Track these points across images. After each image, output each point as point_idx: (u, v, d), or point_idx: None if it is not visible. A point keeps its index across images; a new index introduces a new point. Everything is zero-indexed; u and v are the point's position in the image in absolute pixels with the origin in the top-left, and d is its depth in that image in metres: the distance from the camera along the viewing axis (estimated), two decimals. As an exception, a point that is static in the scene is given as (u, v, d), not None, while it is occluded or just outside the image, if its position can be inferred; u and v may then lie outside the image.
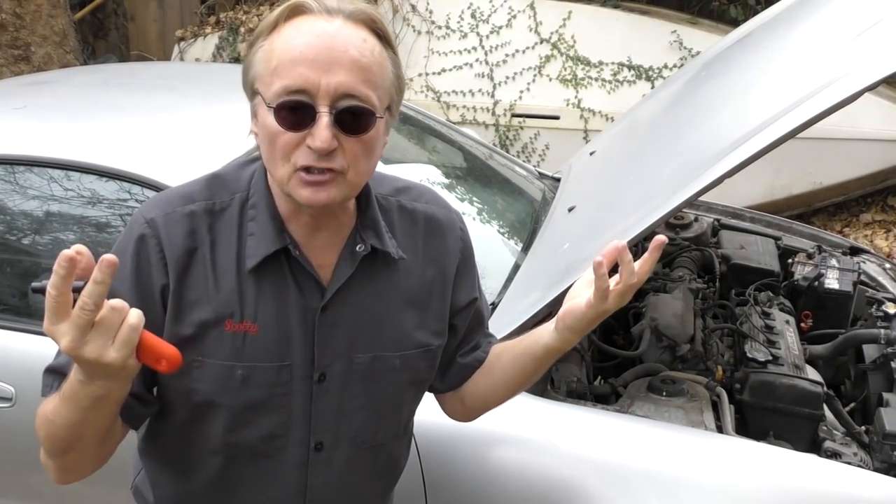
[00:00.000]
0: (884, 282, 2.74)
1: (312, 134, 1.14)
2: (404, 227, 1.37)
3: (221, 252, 1.26)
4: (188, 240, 1.25)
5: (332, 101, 1.14)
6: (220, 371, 1.26)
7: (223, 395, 1.27)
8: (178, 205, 1.26)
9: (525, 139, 5.55)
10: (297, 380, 1.29)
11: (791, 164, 4.93)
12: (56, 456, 1.25)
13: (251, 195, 1.28)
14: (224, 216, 1.27)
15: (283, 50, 1.15)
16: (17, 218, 2.31)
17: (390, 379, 1.36)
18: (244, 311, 1.25)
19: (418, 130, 3.07)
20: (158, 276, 1.23)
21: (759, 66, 2.49)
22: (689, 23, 5.57)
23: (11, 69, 5.24)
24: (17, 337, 2.13)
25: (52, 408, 1.19)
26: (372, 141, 1.19)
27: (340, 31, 1.16)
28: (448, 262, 1.41)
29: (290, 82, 1.14)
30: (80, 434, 1.19)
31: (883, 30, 1.92)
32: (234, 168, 1.34)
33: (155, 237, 1.24)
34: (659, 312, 2.34)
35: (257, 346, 1.26)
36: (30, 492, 2.19)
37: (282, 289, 1.27)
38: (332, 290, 1.28)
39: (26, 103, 2.57)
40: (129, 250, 1.24)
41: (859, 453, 1.97)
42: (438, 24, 5.76)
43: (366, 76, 1.16)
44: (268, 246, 1.25)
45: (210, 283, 1.25)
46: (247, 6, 6.84)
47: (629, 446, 1.84)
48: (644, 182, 2.21)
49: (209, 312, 1.24)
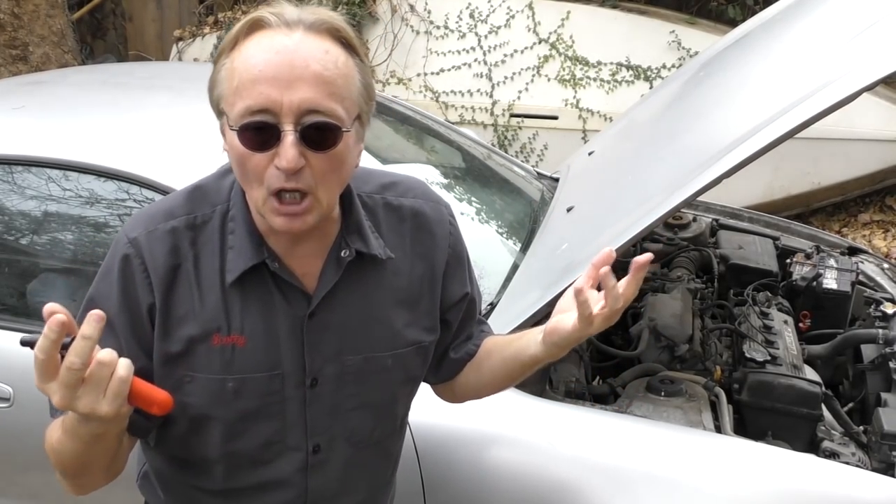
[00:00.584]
0: (882, 282, 2.74)
1: (279, 153, 1.12)
2: (391, 225, 1.36)
3: (205, 266, 1.25)
4: (171, 257, 1.24)
5: (296, 119, 1.11)
6: (211, 385, 1.25)
7: (216, 407, 1.27)
8: (160, 221, 1.25)
9: (523, 139, 5.55)
10: (290, 387, 1.29)
11: (789, 164, 4.93)
12: (69, 478, 1.26)
13: (231, 207, 1.27)
14: (206, 229, 1.26)
15: (244, 68, 1.12)
16: (16, 218, 2.31)
17: (383, 378, 1.35)
18: (231, 325, 1.24)
19: (417, 130, 3.07)
20: (145, 295, 1.23)
21: (757, 67, 2.49)
22: (688, 23, 5.57)
23: (9, 69, 5.24)
24: (16, 337, 2.12)
25: (56, 438, 1.20)
26: (341, 155, 1.16)
27: (301, 44, 1.12)
28: (437, 257, 1.40)
29: (251, 102, 1.11)
30: (86, 462, 1.21)
31: (881, 30, 1.92)
32: (214, 178, 1.32)
33: (139, 257, 1.23)
34: (657, 312, 2.34)
35: (246, 358, 1.25)
36: (29, 492, 2.18)
37: (267, 299, 1.26)
38: (317, 298, 1.27)
39: (24, 103, 2.57)
40: (114, 271, 1.24)
41: (857, 453, 1.98)
42: (437, 24, 5.76)
43: (330, 89, 1.13)
44: (246, 261, 1.24)
45: (195, 299, 1.24)
46: (245, 6, 6.83)
47: (627, 446, 1.84)
48: (642, 182, 2.21)
49: (196, 328, 1.24)
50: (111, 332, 1.21)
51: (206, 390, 1.25)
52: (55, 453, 1.22)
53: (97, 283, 1.28)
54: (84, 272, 2.27)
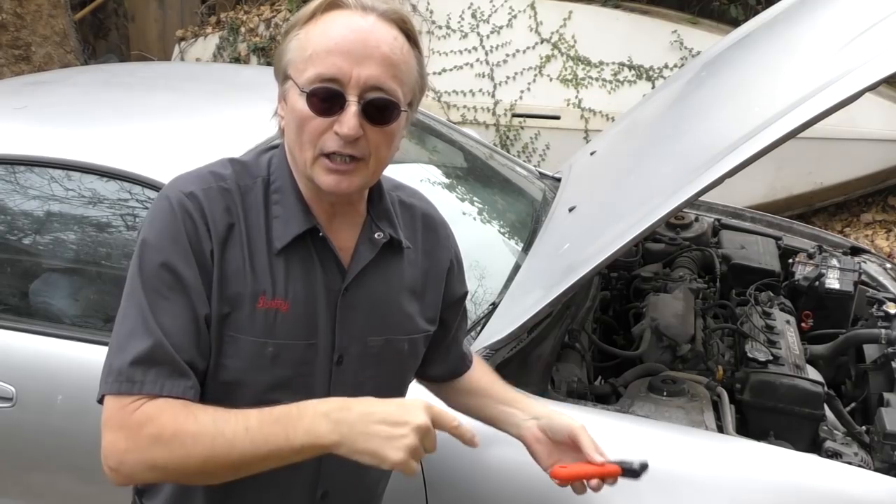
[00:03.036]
0: (884, 282, 2.74)
1: (340, 121, 1.20)
2: (405, 220, 1.43)
3: (252, 231, 1.29)
4: (226, 215, 1.27)
5: (361, 92, 1.20)
6: (252, 347, 1.27)
7: (252, 372, 1.28)
8: (213, 182, 1.29)
9: (525, 139, 5.55)
10: (321, 360, 1.32)
11: (792, 164, 4.93)
12: (160, 471, 1.19)
13: (273, 180, 1.32)
14: (250, 197, 1.30)
15: (320, 40, 1.21)
16: (18, 218, 2.31)
17: (398, 362, 1.41)
18: (276, 289, 1.27)
19: (419, 130, 3.07)
20: (207, 244, 1.25)
21: (759, 66, 2.49)
22: (690, 23, 5.57)
23: (12, 69, 5.25)
24: (17, 337, 2.13)
25: (211, 433, 1.15)
26: (393, 132, 1.25)
27: (374, 27, 1.22)
28: (441, 256, 1.48)
29: (323, 70, 1.20)
30: (238, 467, 1.18)
31: (883, 29, 1.91)
32: (252, 155, 1.37)
33: (199, 209, 1.25)
34: (659, 312, 2.34)
35: (288, 324, 1.28)
36: (31, 492, 2.19)
37: (309, 268, 1.30)
38: (353, 272, 1.33)
39: (27, 103, 2.57)
40: (177, 223, 1.24)
41: (860, 453, 1.97)
42: (439, 24, 5.77)
43: (394, 72, 1.22)
44: (297, 227, 1.28)
45: (245, 259, 1.27)
46: (247, 6, 6.84)
47: (629, 446, 1.83)
48: (645, 182, 2.21)
49: (244, 287, 1.26)
50: (182, 291, 1.21)
51: (246, 353, 1.27)
52: (198, 446, 1.16)
53: (156, 238, 1.24)
54: (86, 272, 2.27)
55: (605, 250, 1.82)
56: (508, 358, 1.92)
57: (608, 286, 2.64)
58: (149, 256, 1.23)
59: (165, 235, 1.24)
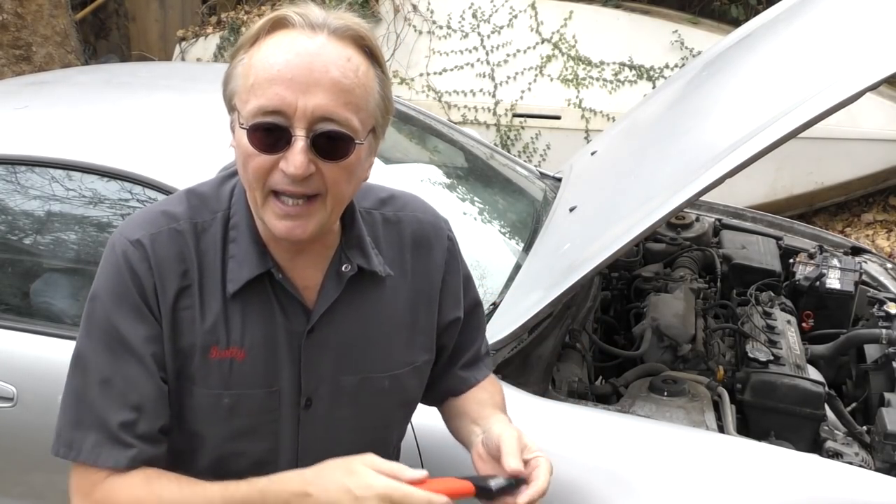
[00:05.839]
0: (885, 282, 2.74)
1: (286, 158, 1.09)
2: (390, 240, 1.32)
3: (207, 274, 1.20)
4: (178, 262, 1.19)
5: (309, 125, 1.08)
6: (207, 400, 1.21)
7: (209, 425, 1.23)
8: (164, 224, 1.20)
9: (526, 139, 5.55)
10: (286, 406, 1.25)
11: (792, 163, 4.93)
12: None
13: (233, 214, 1.22)
14: (207, 236, 1.21)
15: (262, 67, 1.09)
16: (19, 218, 2.31)
17: (379, 401, 1.32)
18: (230, 337, 1.20)
19: (419, 130, 3.07)
20: (153, 299, 1.18)
21: (760, 66, 2.49)
22: (691, 22, 5.57)
23: (13, 69, 5.24)
24: (18, 337, 2.13)
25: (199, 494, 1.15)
26: (351, 166, 1.13)
27: (323, 48, 1.09)
28: (434, 275, 1.36)
29: (265, 102, 1.08)
30: None
31: (884, 29, 1.91)
32: (213, 185, 1.28)
33: (144, 260, 1.17)
34: (660, 312, 2.34)
35: (245, 373, 1.21)
36: (31, 492, 2.18)
37: (267, 312, 1.22)
38: (317, 313, 1.23)
39: (28, 103, 2.57)
40: (122, 278, 1.17)
41: (861, 453, 1.97)
42: (439, 24, 5.76)
43: (347, 98, 1.09)
44: (250, 270, 1.20)
45: (197, 308, 1.19)
46: (248, 6, 6.84)
47: (630, 446, 1.83)
48: (645, 182, 2.21)
49: (196, 337, 1.20)
50: (129, 352, 1.16)
51: (200, 405, 1.21)
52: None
53: (104, 294, 1.19)
54: (87, 272, 2.27)
55: (606, 250, 1.81)
56: (509, 358, 1.92)
57: (609, 286, 2.64)
58: (98, 314, 1.19)
59: (111, 291, 1.18)
